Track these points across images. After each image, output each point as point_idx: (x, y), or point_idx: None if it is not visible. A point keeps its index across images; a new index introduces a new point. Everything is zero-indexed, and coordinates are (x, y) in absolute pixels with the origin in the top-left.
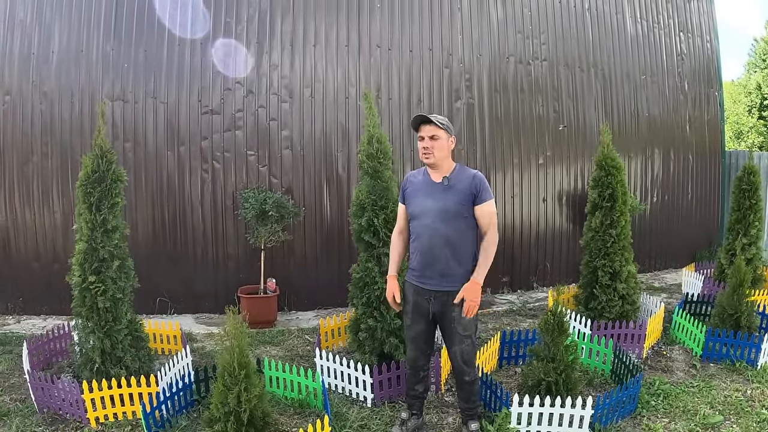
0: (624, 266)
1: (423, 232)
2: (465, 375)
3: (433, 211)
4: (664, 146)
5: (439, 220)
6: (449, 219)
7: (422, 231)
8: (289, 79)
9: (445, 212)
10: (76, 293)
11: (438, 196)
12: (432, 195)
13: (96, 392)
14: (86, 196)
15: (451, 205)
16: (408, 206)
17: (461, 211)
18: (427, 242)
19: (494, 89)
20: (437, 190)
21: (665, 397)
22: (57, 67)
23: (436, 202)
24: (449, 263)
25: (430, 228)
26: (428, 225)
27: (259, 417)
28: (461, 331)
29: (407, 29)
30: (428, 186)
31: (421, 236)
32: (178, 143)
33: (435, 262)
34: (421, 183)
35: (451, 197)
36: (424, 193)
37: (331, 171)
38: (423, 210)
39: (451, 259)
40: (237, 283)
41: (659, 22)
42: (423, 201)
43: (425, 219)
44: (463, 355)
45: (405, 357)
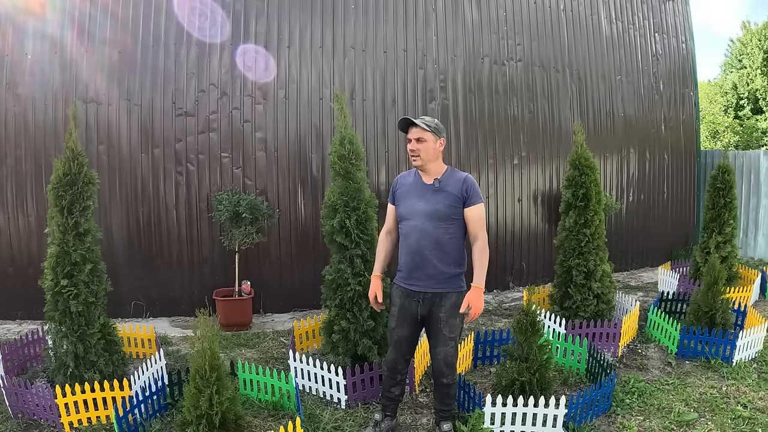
0: (598, 265)
1: (412, 233)
2: (444, 377)
3: (423, 213)
4: (639, 146)
5: (428, 222)
6: (438, 221)
7: (411, 232)
8: (263, 81)
9: (435, 214)
10: (49, 297)
11: (428, 198)
12: (422, 197)
13: (69, 397)
14: (58, 199)
15: (440, 208)
16: (398, 207)
17: (451, 213)
18: (416, 244)
19: (469, 90)
20: (428, 192)
21: (640, 395)
22: (31, 70)
23: (426, 204)
24: (437, 265)
25: (419, 229)
26: (417, 226)
27: (231, 419)
28: (447, 333)
29: (382, 30)
30: (419, 187)
31: (410, 237)
32: (153, 145)
33: (423, 264)
34: (412, 184)
35: (441, 199)
36: (415, 195)
37: (305, 172)
38: (413, 211)
39: (439, 261)
40: (212, 285)
41: (634, 23)
42: (413, 202)
43: (415, 220)
44: (446, 357)
45: (383, 358)
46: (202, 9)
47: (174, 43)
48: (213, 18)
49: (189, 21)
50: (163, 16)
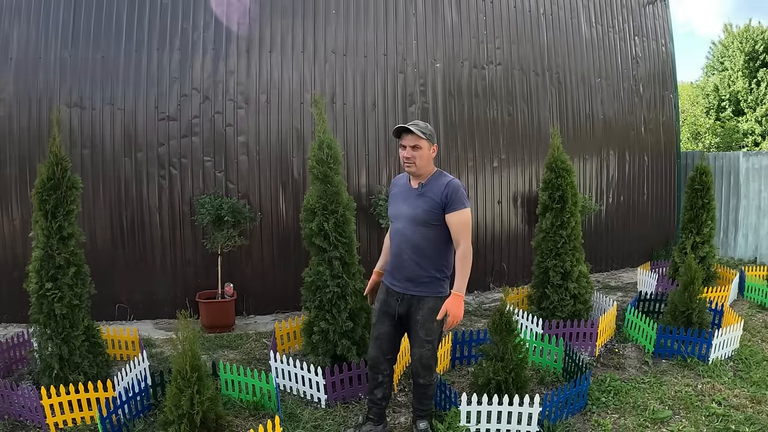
0: (575, 266)
1: (395, 236)
2: (420, 378)
3: (405, 217)
4: (619, 148)
5: (409, 226)
6: (417, 225)
7: (395, 234)
8: (245, 85)
9: (414, 219)
10: (34, 300)
11: (411, 202)
12: (407, 201)
13: (54, 398)
14: (42, 203)
15: (420, 213)
16: (388, 209)
17: (429, 219)
18: (397, 246)
19: (449, 93)
20: (411, 196)
21: (616, 393)
22: (15, 74)
23: (408, 208)
24: (415, 269)
25: (401, 233)
26: (399, 229)
27: (212, 419)
28: (423, 336)
29: (362, 34)
30: (406, 191)
31: (394, 239)
32: (136, 149)
33: (402, 267)
34: (402, 187)
35: (421, 204)
36: (401, 198)
37: (286, 176)
38: (397, 215)
39: (416, 265)
40: (196, 288)
41: (614, 26)
42: (399, 206)
43: (398, 223)
44: (422, 359)
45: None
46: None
47: (156, 48)
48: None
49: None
50: (146, 19)
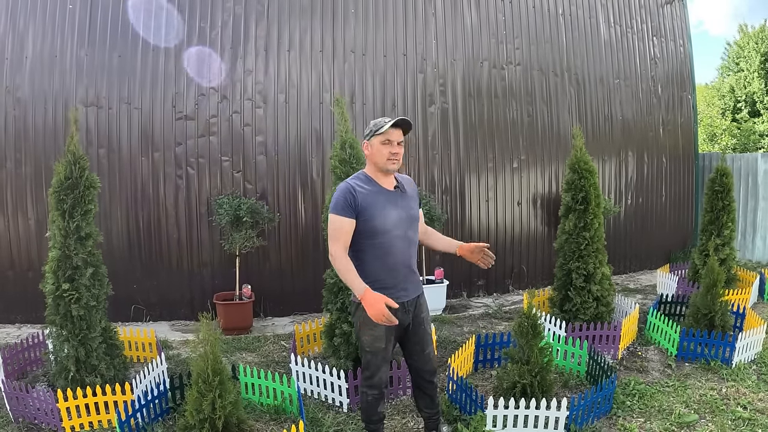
0: (598, 268)
1: (395, 246)
2: (434, 376)
3: (401, 221)
4: (638, 149)
5: (410, 229)
6: (413, 225)
7: (394, 244)
8: (263, 85)
9: (410, 219)
10: (50, 301)
11: (401, 205)
12: (394, 204)
13: (71, 401)
14: (59, 203)
15: (413, 212)
16: (369, 220)
17: (416, 215)
18: (403, 254)
19: (468, 94)
20: (397, 198)
21: (640, 397)
22: (30, 73)
23: (402, 211)
24: (416, 269)
25: (403, 239)
26: (400, 236)
27: (234, 423)
28: (429, 330)
29: (381, 34)
30: (386, 195)
31: (393, 251)
32: (153, 149)
33: (410, 273)
34: (376, 193)
35: (410, 203)
36: (389, 204)
37: (305, 176)
38: (393, 222)
39: (415, 265)
40: (212, 289)
41: (633, 26)
42: (390, 212)
43: (397, 230)
44: (431, 355)
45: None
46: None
47: (174, 46)
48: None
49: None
50: (163, 19)
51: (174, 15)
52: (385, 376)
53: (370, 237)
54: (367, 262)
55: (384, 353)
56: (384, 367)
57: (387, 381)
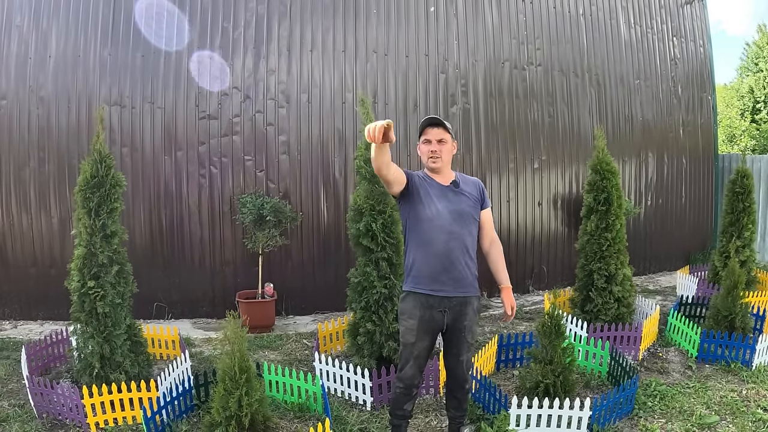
0: (619, 269)
1: (438, 236)
2: (466, 383)
3: (449, 214)
4: (657, 150)
5: (456, 224)
6: (464, 222)
7: (437, 234)
8: (286, 84)
9: (461, 215)
10: (75, 298)
11: (452, 199)
12: (445, 198)
13: (96, 397)
14: (85, 201)
15: (465, 209)
16: (415, 206)
17: (473, 214)
18: (444, 246)
19: (489, 94)
20: (448, 193)
21: (662, 398)
22: (54, 72)
23: (451, 205)
24: (463, 269)
25: (447, 231)
26: (444, 227)
27: (260, 421)
28: (470, 339)
29: (403, 35)
30: (437, 188)
31: (436, 240)
32: (176, 148)
33: (451, 267)
34: (430, 184)
35: (464, 200)
36: (436, 196)
37: (327, 176)
38: (437, 212)
39: (465, 264)
40: (234, 287)
41: (653, 27)
42: (436, 202)
43: (440, 221)
44: (467, 363)
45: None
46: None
47: (197, 46)
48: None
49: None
50: (186, 18)
51: (197, 15)
52: (410, 372)
53: (415, 222)
54: (411, 248)
55: (412, 348)
56: (411, 363)
57: (414, 379)
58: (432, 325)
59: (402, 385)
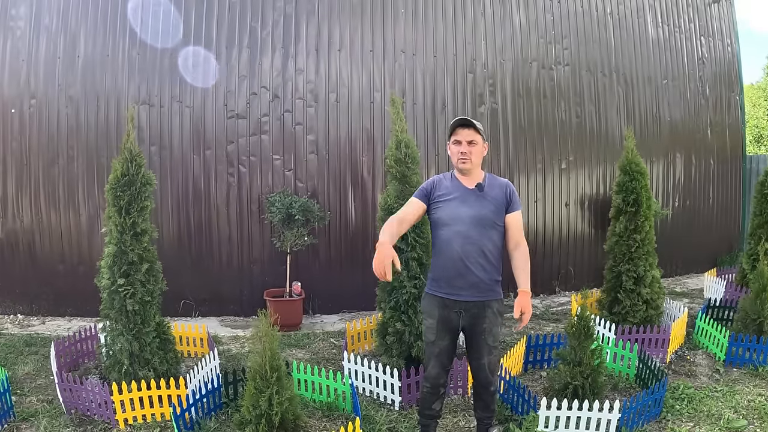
0: (648, 271)
1: (455, 240)
2: (491, 385)
3: (468, 219)
4: (685, 151)
5: (474, 229)
6: (484, 227)
7: (453, 238)
8: (314, 84)
9: (480, 220)
10: (105, 296)
11: (472, 204)
12: (466, 201)
13: (126, 394)
14: (116, 199)
15: (486, 213)
16: (436, 211)
17: (495, 219)
18: (460, 251)
19: (517, 94)
20: (470, 197)
21: (689, 401)
22: (82, 72)
23: (470, 210)
24: (481, 274)
25: (463, 236)
26: (461, 232)
27: (290, 419)
28: (491, 342)
29: (431, 34)
30: (460, 191)
31: (452, 244)
32: (204, 147)
33: (466, 272)
34: (451, 188)
35: (486, 205)
36: (458, 199)
37: (355, 175)
38: (456, 216)
39: (482, 269)
40: (262, 286)
41: (680, 26)
42: (456, 207)
43: (458, 226)
44: (490, 365)
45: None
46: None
47: (225, 46)
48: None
49: (240, 24)
50: (215, 18)
51: (225, 15)
52: (434, 372)
53: (436, 227)
54: (433, 253)
55: (433, 347)
56: (433, 362)
57: (439, 378)
58: (449, 325)
59: (428, 385)
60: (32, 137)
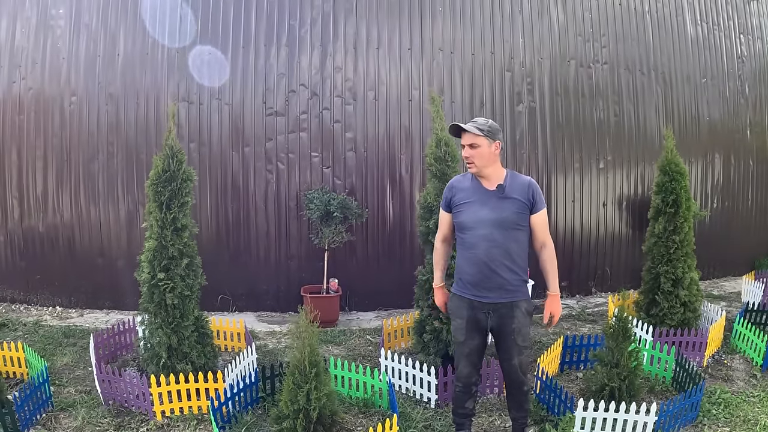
0: (686, 273)
1: (479, 244)
2: (524, 385)
3: (490, 222)
4: (724, 151)
5: (497, 231)
6: (506, 229)
7: (477, 242)
8: (352, 82)
9: (503, 222)
10: (145, 289)
11: (494, 205)
12: (486, 204)
13: (164, 386)
14: (157, 195)
15: (508, 215)
16: (458, 215)
17: (518, 220)
18: (485, 254)
19: (555, 93)
20: (492, 199)
21: (726, 406)
22: (122, 69)
23: (492, 212)
24: (507, 275)
25: (488, 239)
26: (485, 236)
27: (327, 415)
28: (521, 342)
29: (469, 32)
30: (480, 194)
31: (477, 248)
32: (243, 144)
33: (493, 275)
34: (471, 190)
35: (508, 206)
36: (477, 202)
37: (393, 173)
38: (478, 220)
39: (508, 271)
40: (299, 282)
41: (719, 23)
42: (478, 210)
43: (481, 229)
44: (521, 366)
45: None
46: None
47: (264, 44)
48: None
49: (279, 22)
50: (253, 16)
51: (264, 13)
52: (465, 371)
53: (460, 231)
54: (458, 255)
55: (463, 346)
56: (464, 362)
57: (470, 377)
58: (478, 325)
59: (461, 384)
60: (72, 133)
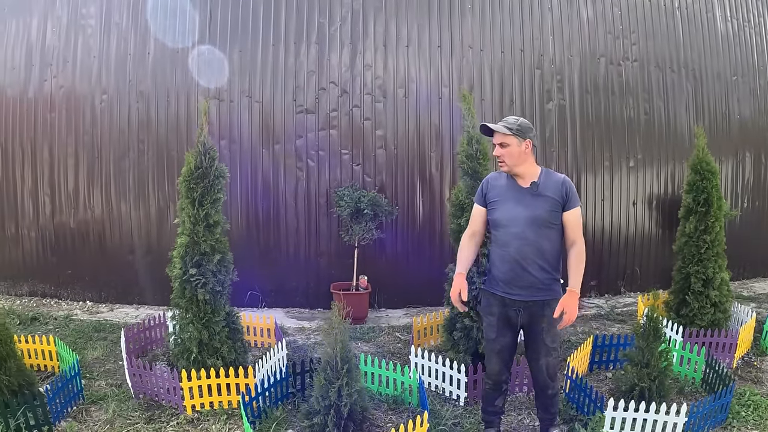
0: (717, 273)
1: (511, 241)
2: (549, 389)
3: (523, 219)
4: (755, 149)
5: (530, 229)
6: (540, 227)
7: (510, 240)
8: (382, 79)
9: (536, 220)
10: (176, 285)
11: (528, 203)
12: (521, 202)
13: (194, 381)
14: (189, 191)
15: (541, 213)
16: (492, 212)
17: (551, 219)
18: (517, 252)
19: (585, 90)
20: (526, 197)
21: (755, 408)
22: (153, 68)
23: (525, 210)
24: (539, 273)
25: (520, 237)
26: (518, 234)
27: (358, 411)
28: (549, 343)
29: (498, 30)
30: (515, 192)
31: (509, 245)
32: (273, 142)
33: (524, 273)
34: (506, 188)
35: (541, 204)
36: (512, 200)
37: (423, 170)
38: (511, 217)
39: (540, 269)
40: (328, 279)
41: (750, 20)
42: (511, 208)
43: (514, 227)
44: (548, 368)
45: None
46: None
47: (294, 41)
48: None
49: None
50: (283, 14)
51: (293, 11)
52: (496, 368)
53: (494, 228)
54: (491, 252)
55: (494, 344)
56: (495, 359)
57: (501, 375)
58: (509, 322)
59: (490, 381)
60: (104, 131)
